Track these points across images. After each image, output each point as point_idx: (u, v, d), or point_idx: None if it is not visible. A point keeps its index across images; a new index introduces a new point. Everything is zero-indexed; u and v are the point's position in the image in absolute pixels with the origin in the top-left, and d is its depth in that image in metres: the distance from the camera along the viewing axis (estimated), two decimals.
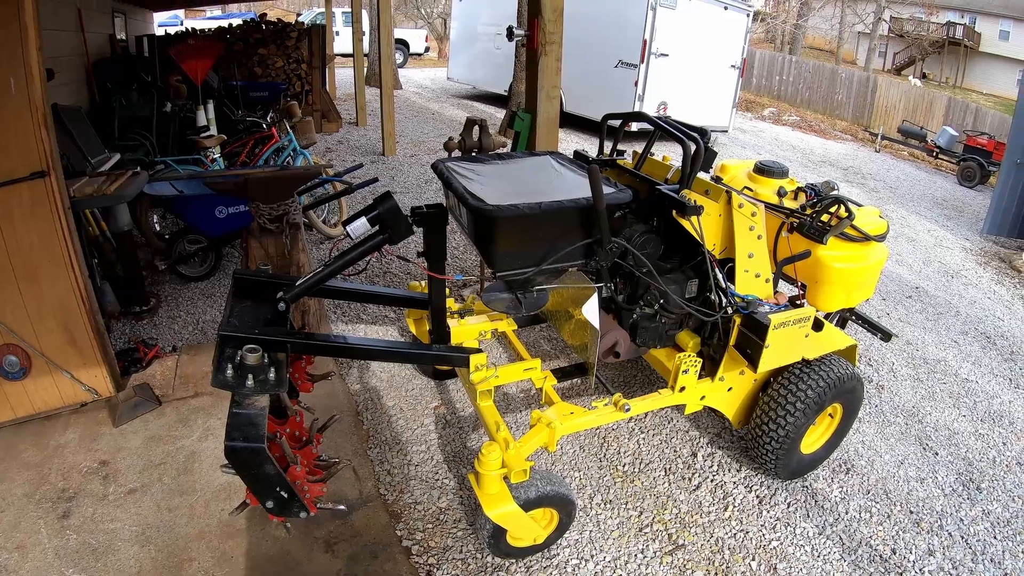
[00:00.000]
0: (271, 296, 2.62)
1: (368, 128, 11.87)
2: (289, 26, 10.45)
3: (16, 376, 3.46)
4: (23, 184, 3.24)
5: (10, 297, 3.36)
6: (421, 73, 22.09)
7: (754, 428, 3.20)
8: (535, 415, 2.77)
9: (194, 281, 5.36)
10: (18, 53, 3.09)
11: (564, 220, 2.60)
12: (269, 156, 6.59)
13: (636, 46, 10.82)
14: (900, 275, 6.64)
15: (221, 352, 2.26)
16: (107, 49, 8.33)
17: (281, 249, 4.05)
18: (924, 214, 9.24)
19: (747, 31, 12.02)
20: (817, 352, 3.09)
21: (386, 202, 2.49)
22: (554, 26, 4.15)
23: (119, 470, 3.22)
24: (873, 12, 28.77)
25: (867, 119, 17.38)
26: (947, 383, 4.58)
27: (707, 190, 2.91)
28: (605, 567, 2.86)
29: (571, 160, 3.32)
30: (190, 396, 3.79)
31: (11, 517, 2.92)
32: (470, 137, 3.95)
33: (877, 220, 3.29)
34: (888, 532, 3.17)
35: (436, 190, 8.22)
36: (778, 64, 21.12)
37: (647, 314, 3.09)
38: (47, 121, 3.23)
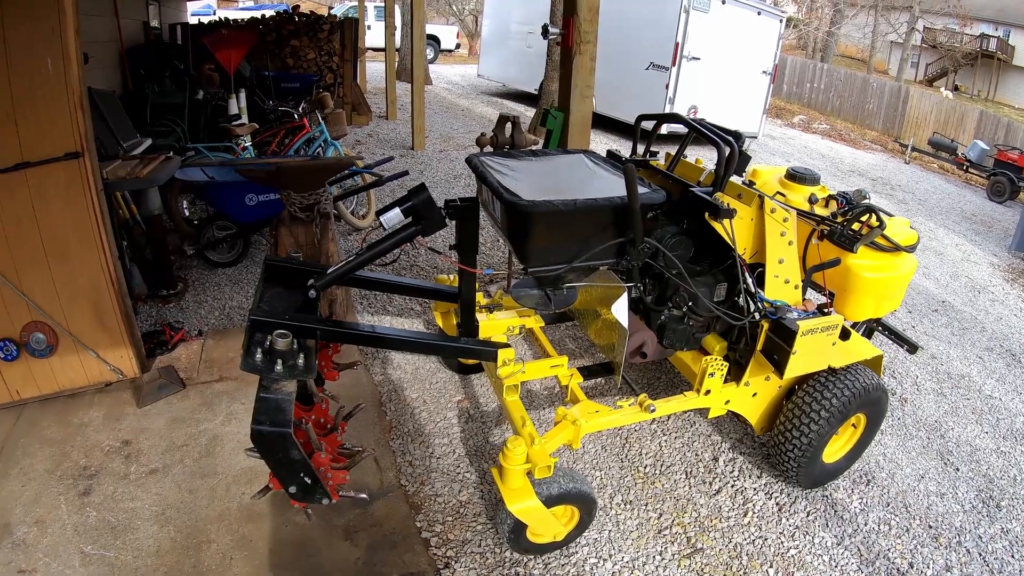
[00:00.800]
0: (301, 283, 2.63)
1: (398, 122, 11.91)
2: (322, 19, 10.50)
3: (42, 353, 3.50)
4: (58, 164, 3.28)
5: (40, 275, 3.41)
6: (451, 69, 22.12)
7: (777, 435, 3.19)
8: (560, 412, 2.78)
9: (221, 267, 5.41)
10: (56, 36, 3.13)
11: (598, 218, 2.60)
12: (300, 146, 6.64)
13: (668, 49, 10.80)
14: (926, 288, 6.58)
15: (251, 336, 2.26)
16: (141, 36, 8.42)
17: (311, 238, 4.08)
18: (952, 228, 9.15)
19: (779, 37, 11.95)
20: (843, 361, 3.07)
21: (421, 194, 2.50)
22: (589, 25, 4.15)
23: (141, 450, 3.26)
24: (906, 22, 28.51)
25: (897, 130, 17.22)
26: (970, 399, 4.54)
27: (740, 194, 2.90)
28: (623, 567, 2.86)
29: (605, 159, 3.32)
30: (215, 380, 3.82)
31: (32, 492, 2.96)
32: (503, 133, 3.96)
33: (907, 231, 3.27)
34: (906, 546, 3.15)
35: (464, 186, 8.25)
36: (809, 71, 20.97)
37: (675, 316, 3.09)
38: (83, 103, 3.28)
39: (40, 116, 3.21)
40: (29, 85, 3.14)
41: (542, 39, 8.28)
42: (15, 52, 3.08)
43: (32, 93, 3.16)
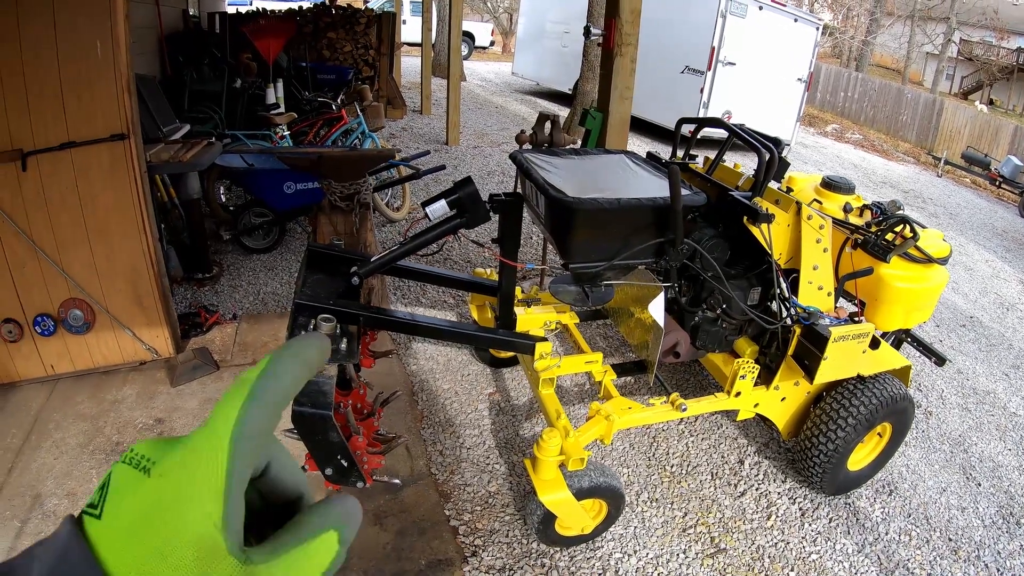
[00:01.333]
0: (342, 270, 2.67)
1: (432, 117, 11.97)
2: (358, 12, 10.56)
3: (79, 330, 3.58)
4: (103, 145, 3.35)
5: (81, 253, 3.49)
6: (485, 67, 22.13)
7: (803, 440, 3.21)
8: (594, 407, 2.82)
9: (257, 253, 5.48)
10: (106, 20, 3.20)
11: (640, 218, 2.64)
12: (337, 137, 6.71)
13: (704, 53, 10.77)
14: (955, 303, 6.54)
15: (295, 319, 2.32)
16: (180, 24, 8.51)
17: (350, 227, 4.14)
18: (983, 243, 9.08)
19: (815, 45, 11.86)
20: (872, 369, 3.09)
21: (467, 187, 2.55)
22: (631, 27, 4.18)
23: (174, 428, 3.32)
24: (943, 33, 28.17)
25: (931, 142, 17.03)
26: (995, 415, 4.52)
27: (777, 200, 2.93)
28: (647, 563, 2.90)
29: (645, 160, 3.35)
30: (248, 363, 3.88)
31: (64, 465, 3.03)
32: (542, 132, 3.99)
33: (940, 243, 3.28)
34: (926, 557, 3.17)
35: (498, 182, 8.30)
36: (844, 80, 20.77)
37: (709, 317, 3.12)
38: (130, 87, 3.34)
39: (88, 97, 3.28)
40: (78, 67, 3.22)
41: (577, 39, 8.29)
42: (65, 34, 3.15)
43: (80, 75, 3.24)
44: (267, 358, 0.47)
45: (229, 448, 0.42)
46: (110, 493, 0.41)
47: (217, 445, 0.42)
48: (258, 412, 0.44)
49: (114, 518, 0.40)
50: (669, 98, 11.50)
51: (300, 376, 0.48)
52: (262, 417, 0.44)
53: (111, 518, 0.40)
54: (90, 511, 0.41)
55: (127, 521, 0.40)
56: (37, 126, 3.21)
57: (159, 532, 0.39)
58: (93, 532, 0.40)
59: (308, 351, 0.49)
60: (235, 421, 0.43)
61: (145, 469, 0.42)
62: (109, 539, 0.39)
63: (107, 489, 0.42)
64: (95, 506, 0.41)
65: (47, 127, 3.23)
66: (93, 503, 0.41)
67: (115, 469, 0.43)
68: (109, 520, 0.40)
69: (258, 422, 0.44)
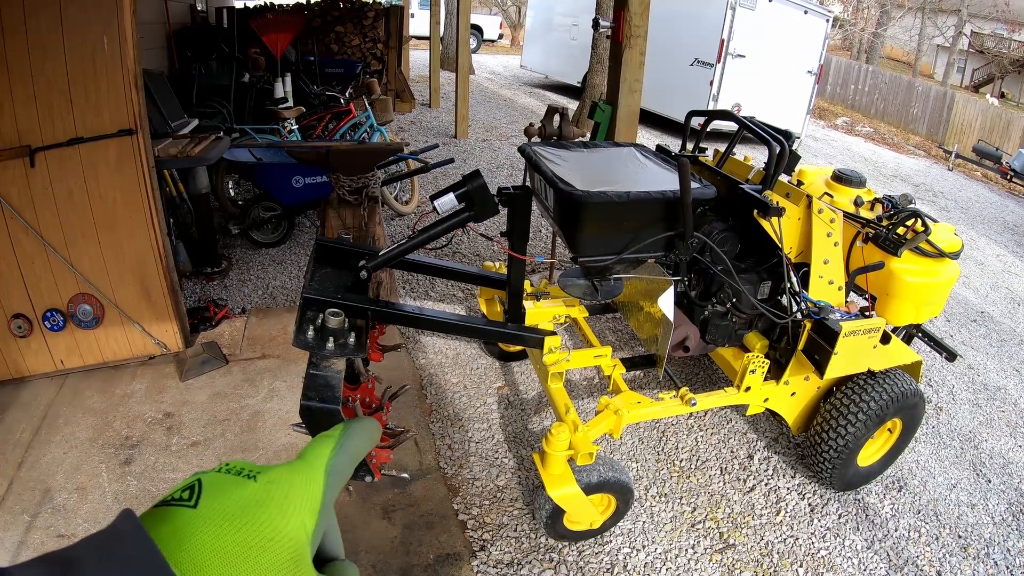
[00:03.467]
0: (351, 264, 2.67)
1: (441, 110, 11.96)
2: (367, 6, 10.56)
3: (88, 325, 3.59)
4: (111, 140, 3.36)
5: (90, 248, 3.50)
6: (494, 59, 22.08)
7: (813, 435, 3.19)
8: (603, 401, 2.81)
9: (265, 247, 5.49)
10: (113, 15, 3.21)
11: (650, 211, 2.63)
12: (346, 131, 6.71)
13: (713, 45, 10.72)
14: (966, 298, 6.50)
15: (303, 314, 2.31)
16: (187, 18, 8.54)
17: (359, 221, 4.14)
18: (994, 238, 9.01)
19: (825, 37, 11.79)
20: (883, 364, 3.07)
21: (475, 180, 2.53)
22: (640, 19, 4.16)
23: (183, 423, 3.33)
24: (954, 25, 27.98)
25: (942, 136, 16.92)
26: (1006, 412, 4.49)
27: (788, 193, 2.91)
28: (656, 558, 2.89)
29: (655, 153, 3.33)
30: (257, 357, 3.89)
31: (74, 459, 3.05)
32: (551, 124, 3.98)
33: (952, 237, 3.25)
34: (935, 554, 3.15)
35: (507, 175, 8.28)
36: (854, 73, 20.65)
37: (719, 312, 3.11)
38: (137, 82, 3.35)
39: (95, 93, 3.29)
40: (85, 63, 3.22)
41: (586, 32, 8.26)
42: (72, 30, 3.16)
43: (88, 70, 3.25)
44: (343, 426, 0.59)
45: (325, 477, 0.51)
46: (207, 489, 0.45)
47: (316, 471, 0.51)
48: (343, 457, 0.55)
49: (212, 509, 0.43)
50: (678, 91, 11.45)
51: (366, 444, 0.61)
52: (345, 462, 0.55)
53: (209, 509, 0.43)
54: (179, 502, 0.44)
55: (229, 512, 0.43)
56: (45, 122, 3.22)
57: (264, 526, 0.44)
58: (179, 520, 0.42)
59: (373, 429, 0.64)
60: (328, 457, 0.53)
61: (251, 475, 0.47)
62: (200, 526, 0.42)
63: (200, 488, 0.45)
64: (182, 499, 0.44)
65: (55, 123, 3.24)
66: (178, 497, 0.44)
67: (205, 475, 0.47)
68: (207, 510, 0.43)
69: (343, 465, 0.54)
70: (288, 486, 0.47)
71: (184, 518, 0.42)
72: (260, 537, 0.42)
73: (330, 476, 0.51)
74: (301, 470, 0.50)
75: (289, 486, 0.47)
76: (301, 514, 0.46)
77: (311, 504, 0.47)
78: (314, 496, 0.48)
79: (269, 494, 0.46)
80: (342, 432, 0.57)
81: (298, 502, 0.46)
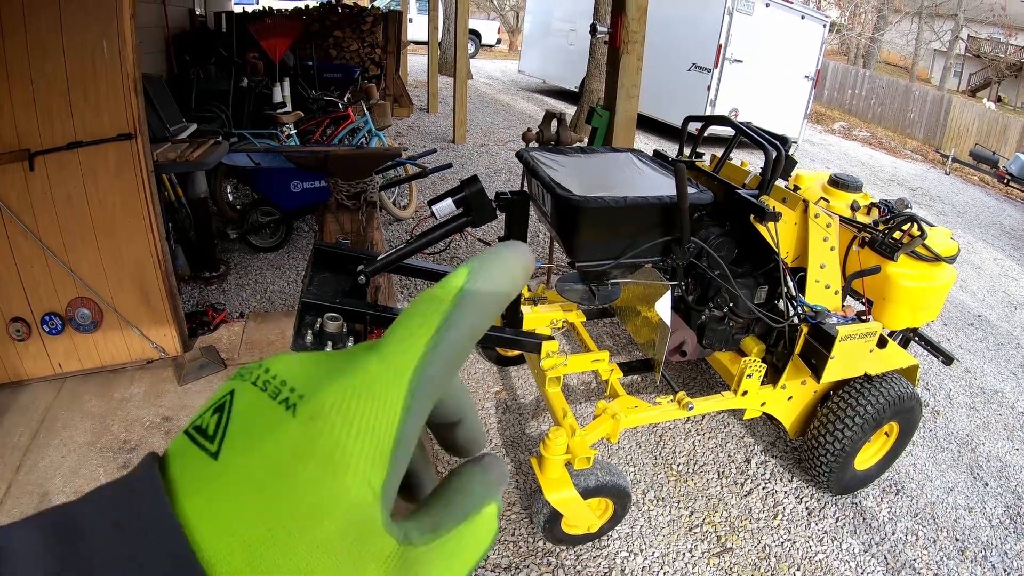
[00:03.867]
0: (349, 269, 2.68)
1: (439, 115, 11.98)
2: (365, 10, 10.57)
3: (87, 329, 3.58)
4: (110, 144, 3.35)
5: (88, 253, 3.49)
6: (492, 64, 22.12)
7: (810, 439, 3.20)
8: (600, 405, 2.82)
9: (263, 252, 5.50)
10: (113, 19, 3.20)
11: (646, 216, 2.64)
12: (344, 136, 6.72)
13: (711, 50, 10.75)
14: (963, 302, 6.52)
15: (302, 318, 2.32)
16: (186, 23, 8.56)
17: (357, 226, 4.15)
18: (991, 242, 9.04)
19: (822, 42, 11.83)
20: (879, 368, 3.08)
21: (473, 185, 2.54)
22: (637, 25, 4.17)
23: (181, 426, 3.31)
24: (950, 30, 28.08)
25: (939, 140, 16.95)
26: (1003, 415, 4.50)
27: (785, 198, 2.92)
28: (653, 562, 2.90)
29: (652, 159, 3.35)
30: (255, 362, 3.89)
31: (72, 463, 3.04)
32: (548, 130, 3.99)
33: (948, 241, 3.27)
34: (932, 557, 3.16)
35: (505, 180, 8.30)
36: (851, 77, 20.71)
37: (716, 316, 3.12)
38: (136, 86, 3.34)
39: (94, 97, 3.28)
40: (84, 67, 3.22)
41: (584, 37, 8.27)
42: (71, 34, 3.15)
43: (87, 75, 3.24)
44: (467, 267, 0.34)
45: (405, 400, 0.31)
46: (233, 425, 0.31)
47: (392, 392, 0.31)
48: (447, 351, 0.32)
49: (236, 464, 0.29)
50: (676, 96, 11.46)
51: (507, 297, 0.35)
52: (451, 357, 0.33)
53: (231, 463, 0.29)
54: (201, 442, 0.30)
55: (257, 471, 0.29)
56: (44, 126, 3.22)
57: (303, 493, 0.29)
58: (198, 473, 0.29)
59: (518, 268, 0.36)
60: (420, 357, 0.32)
61: (289, 404, 0.31)
62: (221, 490, 0.29)
63: (227, 418, 0.31)
64: (207, 434, 0.31)
65: (54, 127, 3.23)
66: (203, 427, 0.31)
67: (240, 389, 0.32)
68: (229, 465, 0.29)
69: (444, 366, 0.33)
70: (341, 421, 0.30)
71: (201, 474, 0.29)
72: (300, 511, 0.28)
73: (414, 396, 0.31)
74: (365, 388, 0.31)
75: (343, 421, 0.30)
76: (363, 466, 0.30)
77: (379, 449, 0.30)
78: (385, 435, 0.30)
79: (311, 440, 0.29)
80: (462, 288, 0.33)
81: (357, 447, 0.30)
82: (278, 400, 0.31)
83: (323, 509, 0.28)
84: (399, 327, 0.33)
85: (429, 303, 0.33)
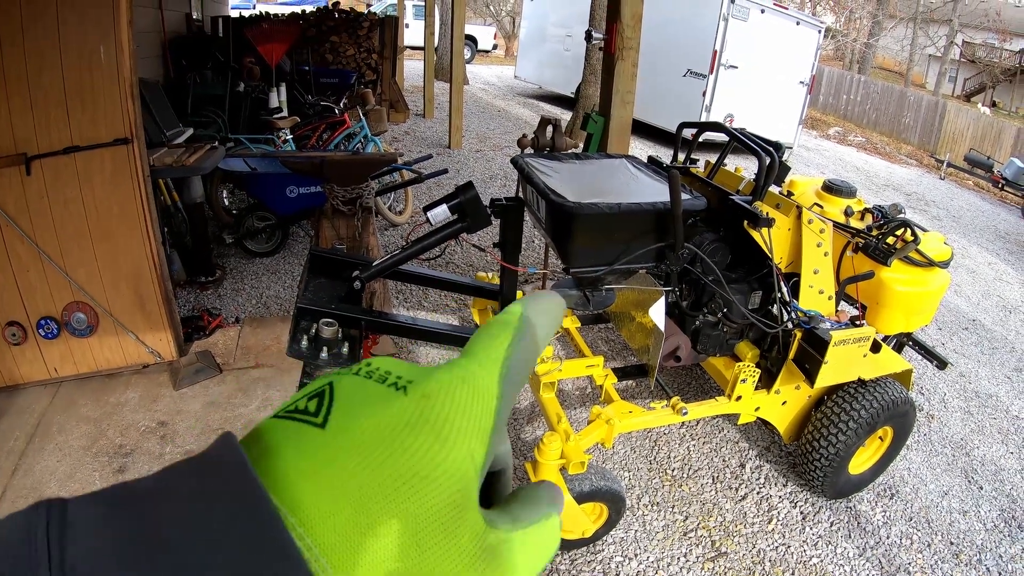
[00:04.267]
0: (345, 274, 2.69)
1: (435, 121, 12.00)
2: (362, 16, 10.58)
3: (83, 333, 3.58)
4: (106, 149, 3.35)
5: (84, 257, 3.49)
6: (488, 70, 22.13)
7: (804, 444, 3.21)
8: (595, 411, 2.82)
9: (259, 256, 5.49)
10: (109, 24, 3.21)
11: (641, 222, 2.65)
12: (340, 141, 6.72)
13: (706, 56, 10.77)
14: (957, 306, 6.54)
15: (297, 324, 2.33)
16: (183, 27, 8.54)
17: (352, 231, 4.15)
18: (986, 246, 9.06)
19: (817, 47, 11.86)
20: (873, 373, 3.09)
21: (468, 192, 2.56)
22: (632, 31, 4.19)
23: (177, 431, 3.32)
24: (945, 35, 28.15)
25: (933, 145, 16.99)
26: (997, 419, 4.52)
27: (778, 204, 2.94)
28: (648, 567, 2.90)
29: (646, 165, 3.36)
30: (251, 367, 3.89)
31: (67, 467, 3.04)
32: (544, 136, 4.00)
33: (942, 246, 3.29)
34: (927, 560, 3.17)
35: (501, 186, 8.31)
36: (846, 83, 20.75)
37: (710, 321, 3.13)
38: (133, 91, 3.35)
39: (91, 102, 3.29)
40: (81, 72, 3.22)
41: (580, 43, 8.29)
42: (68, 39, 3.16)
43: (84, 79, 3.24)
44: (520, 305, 0.41)
45: (499, 385, 0.37)
46: (338, 403, 0.34)
47: (488, 378, 0.36)
48: (523, 352, 0.39)
49: (346, 432, 0.32)
50: (671, 102, 11.48)
51: (552, 325, 0.43)
52: (526, 360, 0.40)
53: (342, 432, 0.32)
54: (302, 416, 0.33)
55: (367, 439, 0.32)
56: (41, 130, 3.22)
57: (415, 459, 0.32)
58: (303, 441, 0.32)
59: (556, 306, 0.44)
60: (503, 360, 0.38)
61: (399, 387, 0.35)
62: (327, 457, 0.31)
63: (330, 399, 0.34)
64: (306, 413, 0.34)
65: (51, 131, 3.24)
66: (302, 408, 0.34)
67: (339, 380, 0.36)
68: (338, 433, 0.32)
69: (523, 365, 0.39)
70: (450, 401, 0.35)
71: (306, 442, 0.32)
72: (409, 474, 0.32)
73: (506, 382, 0.37)
74: (468, 378, 0.36)
75: (451, 401, 0.35)
76: (468, 440, 0.34)
77: (481, 424, 0.35)
78: (485, 413, 0.35)
79: (423, 413, 0.34)
80: (522, 315, 0.40)
81: (463, 423, 0.34)
82: (387, 384, 0.35)
83: (431, 474, 0.32)
84: (481, 338, 0.39)
85: (499, 324, 0.40)
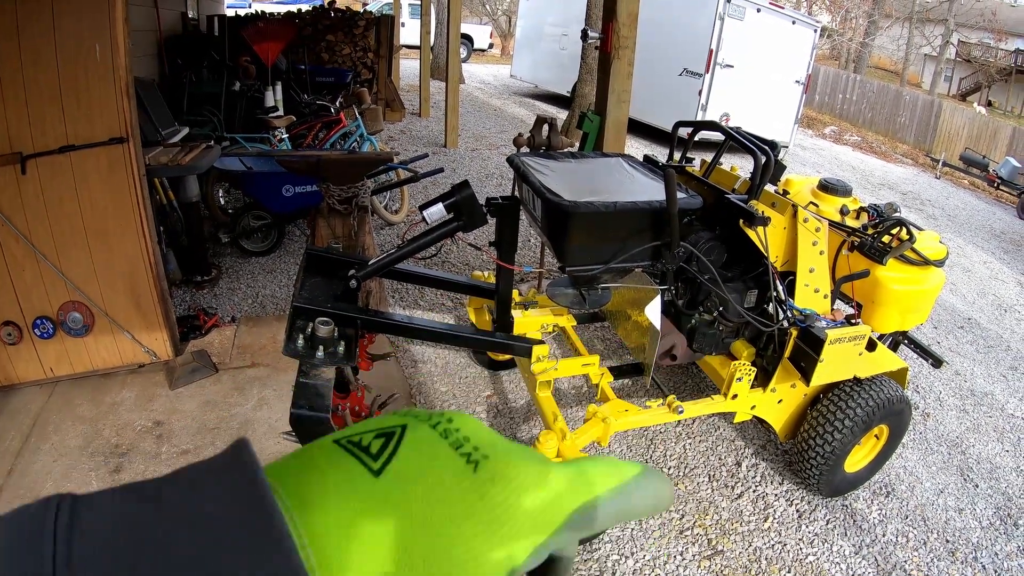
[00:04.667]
0: (340, 273, 2.68)
1: (431, 120, 11.98)
2: (358, 15, 10.58)
3: (78, 333, 3.57)
4: (102, 148, 3.35)
5: (80, 256, 3.48)
6: (484, 69, 22.11)
7: (800, 442, 3.21)
8: (591, 409, 2.82)
9: (255, 256, 5.48)
10: (105, 23, 3.20)
11: (636, 221, 2.65)
12: (336, 140, 6.72)
13: (702, 56, 10.78)
14: (953, 305, 6.55)
15: (293, 323, 2.33)
16: (179, 26, 8.53)
17: (348, 230, 4.15)
18: (981, 245, 9.08)
19: (813, 47, 11.88)
20: (869, 371, 3.09)
21: (464, 190, 2.56)
22: (628, 31, 4.19)
23: (173, 431, 3.32)
24: (941, 35, 28.17)
25: (929, 144, 17.02)
26: (993, 417, 4.53)
27: (774, 203, 2.94)
28: (644, 565, 2.90)
29: (642, 163, 3.36)
30: (247, 366, 3.89)
31: (63, 467, 3.03)
32: (540, 135, 4.00)
33: (937, 245, 3.29)
34: (923, 558, 3.17)
35: (496, 185, 8.31)
36: (842, 82, 20.77)
37: (706, 320, 3.13)
38: (128, 90, 3.34)
39: (87, 101, 3.28)
40: (77, 70, 3.22)
41: (576, 42, 8.29)
42: (64, 38, 3.15)
43: (79, 78, 3.24)
44: (644, 466, 0.41)
45: (567, 518, 0.35)
46: (402, 454, 0.33)
47: (569, 501, 0.36)
48: (616, 504, 0.38)
49: (397, 489, 0.31)
50: (667, 101, 11.50)
51: (647, 507, 0.41)
52: (612, 512, 0.38)
53: (393, 487, 0.31)
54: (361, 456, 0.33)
55: (415, 508, 0.31)
56: (36, 129, 3.21)
57: (452, 541, 0.31)
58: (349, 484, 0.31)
59: (666, 500, 0.43)
60: (588, 502, 0.37)
61: (471, 459, 0.34)
62: (369, 508, 0.30)
63: (396, 446, 0.33)
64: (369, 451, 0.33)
65: (46, 130, 3.23)
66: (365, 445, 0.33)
67: (415, 427, 0.35)
68: (389, 487, 0.31)
69: (606, 517, 0.38)
70: (515, 498, 0.33)
71: (353, 483, 0.31)
72: (437, 554, 0.30)
73: (576, 521, 0.36)
74: (545, 484, 0.35)
75: (516, 499, 0.33)
76: (514, 544, 0.32)
77: (537, 531, 0.33)
78: (548, 523, 0.34)
79: (483, 497, 0.32)
80: (642, 473, 0.40)
81: (519, 525, 0.33)
82: (460, 452, 0.34)
83: (460, 560, 0.31)
84: (599, 463, 0.39)
85: (618, 466, 0.40)
